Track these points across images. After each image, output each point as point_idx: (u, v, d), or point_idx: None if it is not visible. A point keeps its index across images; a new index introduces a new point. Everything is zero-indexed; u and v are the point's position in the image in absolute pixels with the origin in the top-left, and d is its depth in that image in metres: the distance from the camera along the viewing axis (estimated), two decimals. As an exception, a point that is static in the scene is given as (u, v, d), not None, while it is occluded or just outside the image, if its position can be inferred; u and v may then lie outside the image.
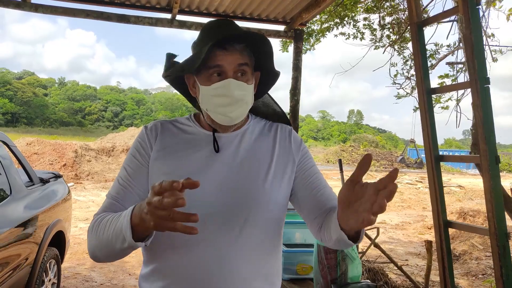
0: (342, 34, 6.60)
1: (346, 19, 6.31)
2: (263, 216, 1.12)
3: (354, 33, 6.53)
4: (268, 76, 1.22)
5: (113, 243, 0.97)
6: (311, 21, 6.32)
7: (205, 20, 4.29)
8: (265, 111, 1.32)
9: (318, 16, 6.18)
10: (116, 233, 0.95)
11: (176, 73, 1.14)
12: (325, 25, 6.47)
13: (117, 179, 1.16)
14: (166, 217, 0.80)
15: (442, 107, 4.52)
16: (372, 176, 19.36)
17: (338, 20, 6.33)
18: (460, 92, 4.35)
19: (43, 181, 3.70)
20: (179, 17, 4.20)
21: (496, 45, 4.53)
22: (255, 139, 1.20)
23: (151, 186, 0.83)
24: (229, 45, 1.08)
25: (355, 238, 0.99)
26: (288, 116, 4.49)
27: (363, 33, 6.46)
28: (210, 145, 1.15)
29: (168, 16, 4.18)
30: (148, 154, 1.15)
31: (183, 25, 4.21)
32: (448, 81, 4.57)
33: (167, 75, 1.15)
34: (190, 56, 1.12)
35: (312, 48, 7.02)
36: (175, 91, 1.34)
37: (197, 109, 1.25)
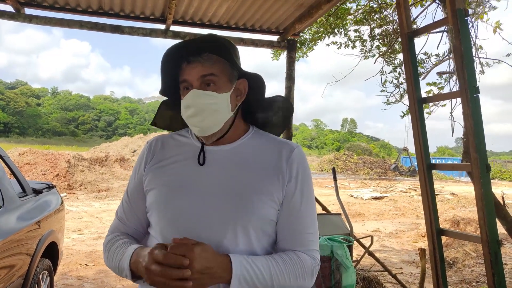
0: (334, 43, 6.68)
1: (337, 28, 6.39)
2: (245, 235, 1.09)
3: (345, 42, 6.61)
4: (256, 81, 1.18)
5: (119, 273, 1.14)
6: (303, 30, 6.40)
7: (199, 30, 4.33)
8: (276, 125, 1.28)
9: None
10: (120, 269, 1.12)
11: (165, 95, 1.23)
12: (317, 34, 6.55)
13: (122, 198, 1.26)
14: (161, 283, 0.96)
15: (427, 113, 4.54)
16: (366, 185, 19.41)
17: (329, 29, 6.41)
18: (454, 100, 4.41)
19: (36, 192, 3.68)
20: (173, 28, 4.23)
21: (484, 57, 4.61)
22: (249, 155, 1.16)
23: (149, 252, 1.00)
24: (193, 57, 1.10)
25: None
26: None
27: (354, 42, 6.54)
28: (201, 160, 1.16)
29: (162, 26, 4.21)
30: (142, 173, 1.20)
31: (177, 35, 4.24)
32: (435, 89, 4.63)
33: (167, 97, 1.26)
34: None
35: (305, 55, 7.10)
36: (169, 100, 1.38)
37: None
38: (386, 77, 5.78)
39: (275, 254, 1.12)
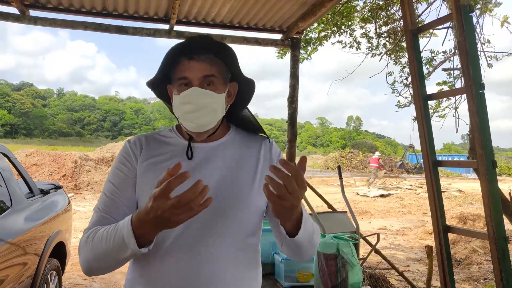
0: (339, 42, 6.66)
1: (342, 27, 6.37)
2: (242, 226, 1.14)
3: (350, 42, 6.59)
4: (247, 86, 1.25)
5: (114, 253, 1.01)
6: (308, 29, 6.37)
7: (202, 30, 4.34)
8: (254, 124, 1.33)
9: (315, 24, 6.24)
10: (117, 244, 1.00)
11: (150, 86, 1.23)
12: (323, 33, 6.53)
13: (103, 193, 1.18)
14: (186, 209, 0.89)
15: (440, 116, 4.54)
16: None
17: (335, 29, 6.39)
18: (458, 96, 4.39)
19: (44, 192, 3.71)
20: (177, 28, 4.24)
21: (491, 51, 4.58)
22: (238, 150, 1.23)
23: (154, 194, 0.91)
24: (196, 56, 1.12)
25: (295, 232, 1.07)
26: (287, 124, 4.53)
27: (359, 43, 6.52)
28: (189, 154, 1.19)
29: (166, 26, 4.22)
30: (134, 167, 1.18)
31: (181, 35, 4.25)
32: (446, 88, 4.60)
33: (152, 88, 1.25)
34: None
35: (309, 57, 7.06)
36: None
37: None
38: (395, 77, 5.76)
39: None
